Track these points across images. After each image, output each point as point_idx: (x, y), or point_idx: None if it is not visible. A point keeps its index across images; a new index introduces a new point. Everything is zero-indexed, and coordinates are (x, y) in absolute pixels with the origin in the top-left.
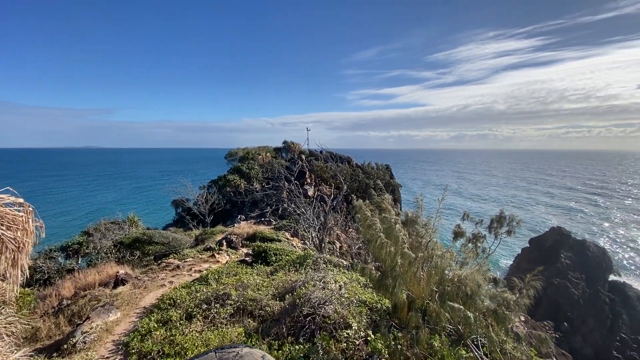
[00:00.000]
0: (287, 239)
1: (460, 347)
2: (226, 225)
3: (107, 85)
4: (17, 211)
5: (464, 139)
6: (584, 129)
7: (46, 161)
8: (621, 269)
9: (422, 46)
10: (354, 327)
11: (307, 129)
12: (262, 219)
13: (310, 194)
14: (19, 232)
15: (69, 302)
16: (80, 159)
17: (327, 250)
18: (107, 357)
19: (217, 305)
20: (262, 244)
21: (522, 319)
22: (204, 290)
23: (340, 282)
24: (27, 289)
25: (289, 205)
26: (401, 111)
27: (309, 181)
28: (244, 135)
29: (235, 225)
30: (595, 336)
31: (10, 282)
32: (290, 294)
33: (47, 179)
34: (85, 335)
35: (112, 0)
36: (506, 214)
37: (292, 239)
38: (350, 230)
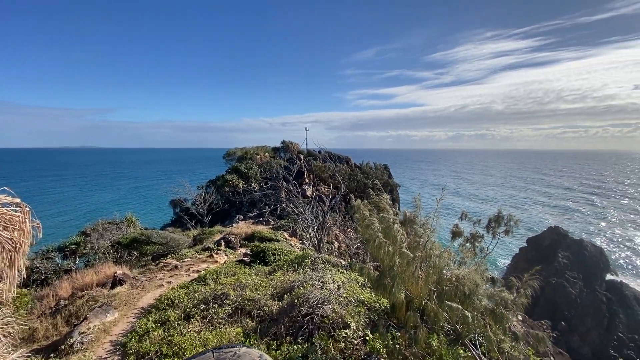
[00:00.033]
0: (286, 238)
1: (458, 346)
2: (224, 225)
3: (107, 85)
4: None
5: (461, 139)
6: (581, 129)
7: (44, 161)
8: (618, 268)
9: (421, 46)
10: (352, 327)
11: (306, 128)
12: (261, 219)
13: (308, 193)
14: (15, 233)
15: (67, 302)
16: (78, 159)
17: (325, 250)
18: (105, 358)
19: (216, 305)
20: (261, 244)
21: (519, 318)
22: (202, 290)
23: (338, 281)
24: (24, 290)
25: (287, 205)
26: (399, 111)
27: (307, 181)
28: (243, 135)
29: (233, 225)
30: (592, 335)
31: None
32: (288, 294)
33: (45, 179)
34: (82, 335)
35: (112, 0)
36: (504, 214)
37: (290, 238)
38: (348, 230)
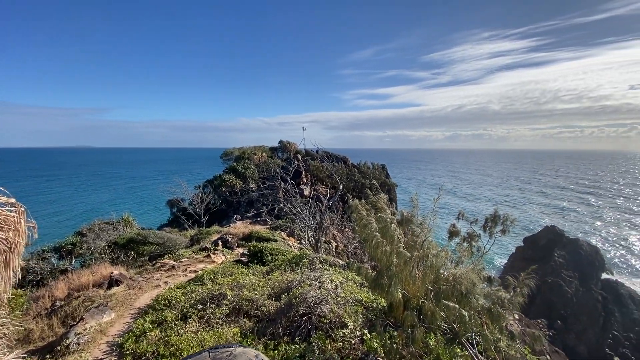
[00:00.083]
0: (283, 238)
1: (455, 345)
2: (222, 225)
3: (103, 84)
4: (9, 211)
5: (458, 139)
6: (577, 129)
7: (40, 161)
8: (613, 267)
9: (418, 46)
10: (349, 327)
11: (304, 128)
12: (258, 219)
13: (306, 193)
14: (10, 233)
15: (63, 303)
16: (74, 158)
17: (323, 249)
18: (101, 359)
19: (213, 305)
20: (258, 243)
21: (516, 317)
22: (200, 290)
23: (336, 281)
24: (19, 290)
25: (285, 205)
26: (397, 111)
27: (305, 181)
28: (240, 134)
29: (231, 225)
30: (588, 334)
31: (2, 283)
32: (286, 294)
33: (40, 179)
34: (78, 336)
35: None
36: (500, 213)
37: (288, 238)
38: (346, 229)
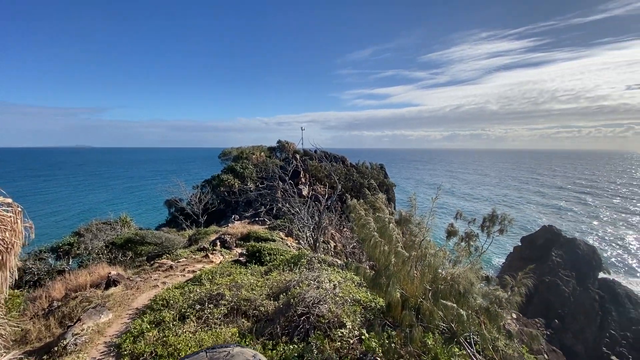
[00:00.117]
0: (282, 238)
1: (453, 344)
2: (220, 225)
3: (101, 84)
4: (6, 211)
5: (457, 139)
6: (574, 129)
7: (37, 161)
8: (610, 266)
9: (416, 46)
10: (348, 326)
11: (302, 128)
12: (257, 219)
13: (304, 193)
14: (7, 233)
15: (60, 303)
16: (71, 158)
17: (321, 249)
18: (99, 359)
19: (211, 305)
20: (256, 243)
21: (514, 316)
22: (198, 290)
23: (334, 281)
24: (16, 291)
25: (283, 204)
26: (395, 111)
27: (303, 181)
28: (238, 134)
29: (229, 225)
30: (585, 333)
31: None
32: (284, 294)
33: (37, 179)
34: (76, 337)
35: None
36: (498, 213)
37: (286, 238)
38: (344, 229)
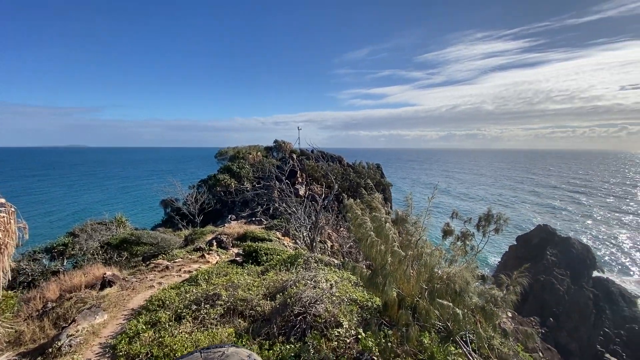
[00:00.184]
0: (278, 238)
1: (449, 343)
2: (216, 225)
3: (95, 83)
4: None
5: (453, 139)
6: (569, 129)
7: (31, 160)
8: (604, 265)
9: (413, 46)
10: (344, 326)
11: (299, 128)
12: (253, 219)
13: (301, 193)
14: (0, 233)
15: (54, 304)
16: (65, 158)
17: (318, 249)
18: None
19: (207, 305)
20: (253, 243)
21: (509, 315)
22: (194, 290)
23: (331, 281)
24: (10, 292)
25: (280, 204)
26: (392, 111)
27: (300, 180)
28: (235, 134)
29: (225, 225)
30: (580, 331)
31: None
32: (281, 294)
33: (31, 179)
34: (70, 338)
35: None
36: (494, 212)
37: (283, 238)
38: (341, 229)
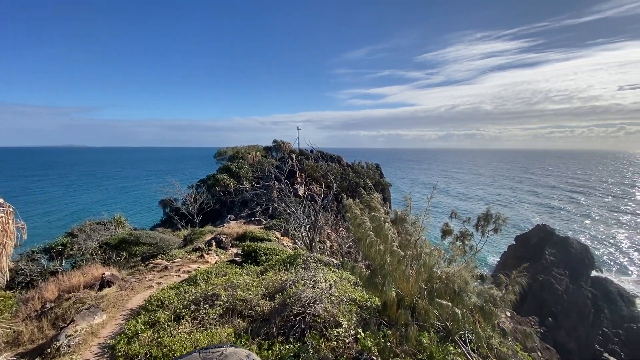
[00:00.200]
0: (278, 238)
1: (448, 343)
2: (215, 225)
3: (94, 82)
4: None
5: (451, 139)
6: (567, 129)
7: (29, 160)
8: (602, 265)
9: (412, 46)
10: (344, 326)
11: (298, 128)
12: (252, 219)
13: (300, 193)
14: None
15: (53, 305)
16: (63, 158)
17: (317, 249)
18: None
19: (206, 306)
20: (252, 243)
21: (508, 314)
22: (193, 291)
23: (330, 280)
24: (8, 292)
25: (279, 204)
26: (390, 111)
27: (299, 180)
28: (234, 134)
29: (224, 225)
30: (578, 330)
31: None
32: (280, 294)
33: (29, 179)
34: (69, 338)
35: None
36: (492, 212)
37: (282, 238)
38: (340, 229)
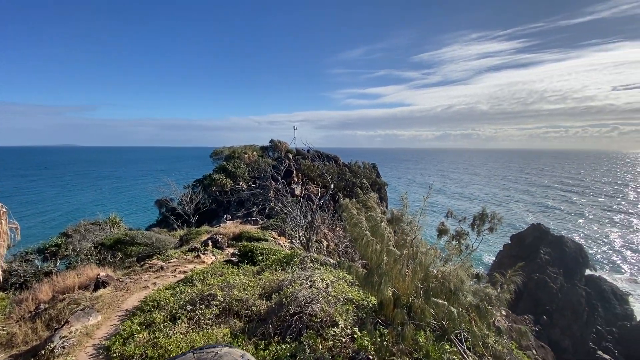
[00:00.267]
0: (274, 238)
1: (444, 341)
2: (212, 225)
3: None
4: None
5: (448, 139)
6: (562, 129)
7: (22, 160)
8: (596, 263)
9: (408, 46)
10: (340, 325)
11: (294, 127)
12: (249, 219)
13: (297, 193)
14: None
15: (47, 306)
16: (57, 157)
17: (314, 248)
18: None
19: (203, 306)
20: (249, 243)
21: (503, 313)
22: (189, 291)
23: (327, 280)
24: (1, 294)
25: (276, 204)
26: (387, 111)
27: (296, 180)
28: (230, 133)
29: (221, 225)
30: (572, 328)
31: None
32: (277, 294)
33: (22, 179)
34: (64, 340)
35: None
36: (488, 212)
37: (279, 238)
38: (337, 228)
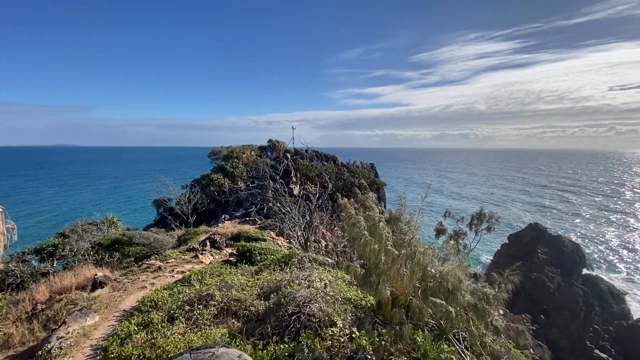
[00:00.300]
0: (273, 238)
1: (442, 341)
2: (210, 225)
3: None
4: None
5: (445, 139)
6: (559, 129)
7: (19, 159)
8: (593, 263)
9: (406, 47)
10: (338, 325)
11: (293, 127)
12: (247, 219)
13: (295, 192)
14: None
15: (44, 306)
16: (56, 157)
17: (312, 248)
18: None
19: (201, 306)
20: (247, 243)
21: (501, 312)
22: (187, 291)
23: (325, 280)
24: None
25: (274, 204)
26: (385, 110)
27: (294, 180)
28: (228, 133)
29: (219, 225)
30: (570, 328)
31: None
32: (275, 294)
33: (19, 179)
34: (61, 340)
35: None
36: (486, 211)
37: (277, 238)
38: (335, 228)
